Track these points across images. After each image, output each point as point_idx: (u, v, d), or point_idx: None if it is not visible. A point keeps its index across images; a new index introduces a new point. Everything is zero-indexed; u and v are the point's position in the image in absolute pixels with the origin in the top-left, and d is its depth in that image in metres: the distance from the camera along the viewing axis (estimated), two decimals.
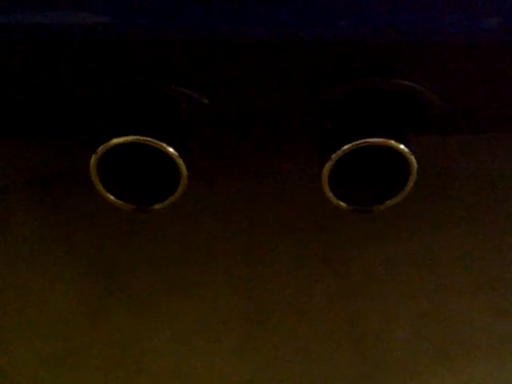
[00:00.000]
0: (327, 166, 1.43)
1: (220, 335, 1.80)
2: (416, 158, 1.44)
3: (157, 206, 1.50)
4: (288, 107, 1.48)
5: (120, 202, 1.48)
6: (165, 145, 1.41)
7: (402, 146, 1.42)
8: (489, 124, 1.57)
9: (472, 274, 1.90)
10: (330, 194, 1.47)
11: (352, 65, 1.41)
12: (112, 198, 1.47)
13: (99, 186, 1.45)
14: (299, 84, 1.44)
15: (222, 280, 1.88)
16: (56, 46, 1.38)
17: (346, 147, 1.41)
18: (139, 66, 1.42)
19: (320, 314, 1.83)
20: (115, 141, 1.41)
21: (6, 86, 1.45)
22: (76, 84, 1.43)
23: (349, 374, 1.75)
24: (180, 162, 1.43)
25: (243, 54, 1.39)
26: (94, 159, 1.42)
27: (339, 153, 1.42)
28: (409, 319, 1.83)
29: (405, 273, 1.90)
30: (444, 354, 1.78)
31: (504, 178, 2.04)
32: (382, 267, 1.91)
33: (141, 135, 1.41)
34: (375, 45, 1.38)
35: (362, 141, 1.41)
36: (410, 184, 1.47)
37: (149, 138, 1.41)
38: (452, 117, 1.51)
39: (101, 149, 1.42)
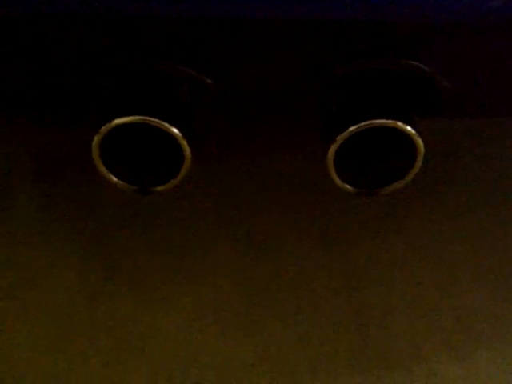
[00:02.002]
0: (333, 148, 1.42)
1: (222, 319, 1.79)
2: (423, 140, 1.43)
3: (159, 188, 1.48)
4: (293, 88, 1.47)
5: (122, 183, 1.47)
6: (168, 125, 1.40)
7: (408, 128, 1.41)
8: (498, 107, 1.55)
9: (476, 260, 1.89)
10: (335, 177, 1.45)
11: (359, 45, 1.39)
12: (114, 178, 1.46)
13: (101, 167, 1.44)
14: (304, 64, 1.42)
15: (224, 264, 1.87)
16: (57, 23, 1.36)
17: (352, 128, 1.40)
18: (142, 46, 1.40)
19: (323, 299, 1.82)
20: (118, 121, 1.40)
21: (6, 66, 1.44)
22: (78, 64, 1.42)
23: (352, 360, 1.74)
24: (183, 143, 1.42)
25: (247, 33, 1.38)
26: (96, 139, 1.41)
27: (345, 134, 1.41)
28: (412, 306, 1.82)
29: (409, 259, 1.89)
30: (447, 340, 1.77)
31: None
32: (386, 253, 1.90)
33: (144, 115, 1.40)
34: (383, 24, 1.36)
35: (368, 122, 1.40)
36: (417, 167, 1.46)
37: (152, 118, 1.40)
38: (460, 99, 1.50)
39: (103, 129, 1.40)
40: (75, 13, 1.35)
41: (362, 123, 1.40)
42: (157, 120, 1.40)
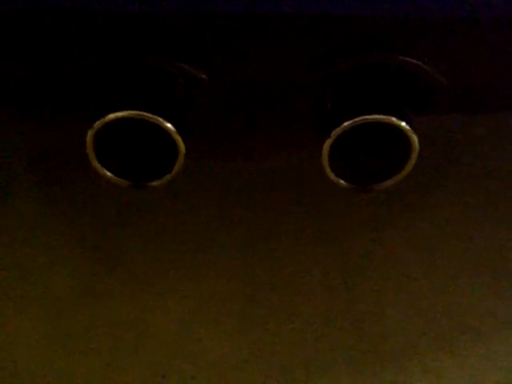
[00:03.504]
0: (327, 143, 1.41)
1: (218, 316, 1.79)
2: (417, 136, 1.43)
3: (154, 183, 1.48)
4: (288, 84, 1.47)
5: (116, 178, 1.47)
6: (162, 120, 1.39)
7: (403, 124, 1.41)
8: (493, 104, 1.55)
9: (472, 256, 1.89)
10: (329, 172, 1.45)
11: (354, 41, 1.39)
12: (108, 174, 1.46)
13: (95, 162, 1.44)
14: (299, 60, 1.42)
15: (221, 260, 1.87)
16: (52, 18, 1.36)
17: (346, 124, 1.40)
18: (137, 41, 1.40)
19: (318, 295, 1.82)
20: (112, 116, 1.40)
21: (2, 62, 1.44)
22: (73, 58, 1.42)
23: (346, 355, 1.74)
24: (178, 138, 1.41)
25: (241, 29, 1.37)
26: (90, 134, 1.41)
27: (339, 130, 1.40)
28: (408, 301, 1.82)
29: (404, 255, 1.89)
30: (443, 337, 1.77)
31: (506, 159, 2.03)
32: (381, 249, 1.90)
33: (138, 110, 1.39)
34: (377, 20, 1.36)
35: (363, 117, 1.39)
36: (411, 163, 1.46)
37: (146, 113, 1.39)
38: (455, 95, 1.50)
39: (97, 124, 1.40)
40: (70, 8, 1.35)
41: (357, 119, 1.40)
42: (151, 115, 1.40)
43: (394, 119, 1.40)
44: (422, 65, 1.41)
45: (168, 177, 1.46)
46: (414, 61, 1.41)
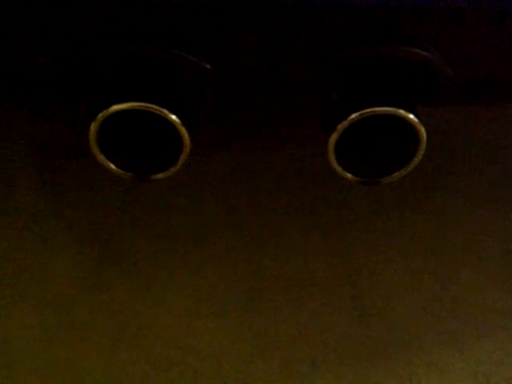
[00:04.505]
0: (334, 136, 1.40)
1: (222, 309, 1.79)
2: (425, 129, 1.41)
3: (158, 176, 1.47)
4: (293, 75, 1.46)
5: (120, 170, 1.45)
6: (167, 112, 1.38)
7: (411, 116, 1.40)
8: (501, 96, 1.54)
9: (478, 251, 1.89)
10: (336, 166, 1.44)
11: (360, 31, 1.38)
12: (112, 166, 1.45)
13: (99, 154, 1.43)
14: (305, 51, 1.41)
15: (223, 253, 1.87)
16: (52, 9, 1.35)
17: (353, 116, 1.38)
18: (141, 31, 1.39)
19: (323, 289, 1.82)
20: (115, 107, 1.38)
21: (5, 50, 1.43)
22: (76, 48, 1.41)
23: (352, 350, 1.74)
24: (182, 130, 1.40)
25: (247, 19, 1.36)
26: (93, 126, 1.40)
27: (346, 123, 1.39)
28: (413, 297, 1.82)
29: (410, 248, 1.88)
30: (448, 331, 1.77)
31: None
32: (387, 243, 1.89)
33: (142, 102, 1.38)
34: (384, 10, 1.35)
35: (370, 110, 1.38)
36: (419, 156, 1.45)
37: (150, 105, 1.38)
38: (463, 87, 1.49)
39: (101, 116, 1.39)
40: None
41: (364, 111, 1.38)
42: (156, 106, 1.38)
43: (402, 111, 1.39)
44: (429, 56, 1.40)
45: (173, 169, 1.45)
46: (421, 52, 1.40)
